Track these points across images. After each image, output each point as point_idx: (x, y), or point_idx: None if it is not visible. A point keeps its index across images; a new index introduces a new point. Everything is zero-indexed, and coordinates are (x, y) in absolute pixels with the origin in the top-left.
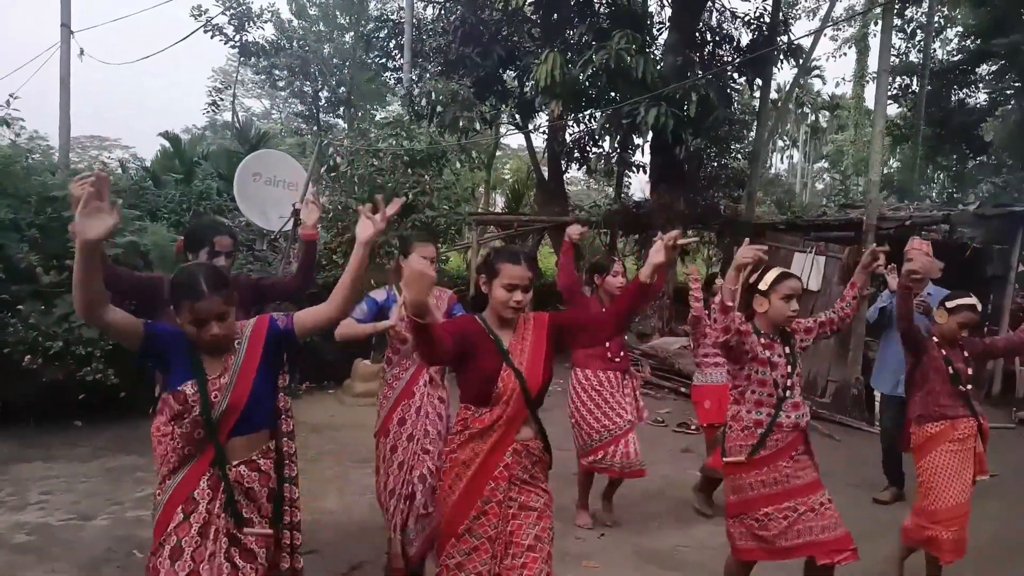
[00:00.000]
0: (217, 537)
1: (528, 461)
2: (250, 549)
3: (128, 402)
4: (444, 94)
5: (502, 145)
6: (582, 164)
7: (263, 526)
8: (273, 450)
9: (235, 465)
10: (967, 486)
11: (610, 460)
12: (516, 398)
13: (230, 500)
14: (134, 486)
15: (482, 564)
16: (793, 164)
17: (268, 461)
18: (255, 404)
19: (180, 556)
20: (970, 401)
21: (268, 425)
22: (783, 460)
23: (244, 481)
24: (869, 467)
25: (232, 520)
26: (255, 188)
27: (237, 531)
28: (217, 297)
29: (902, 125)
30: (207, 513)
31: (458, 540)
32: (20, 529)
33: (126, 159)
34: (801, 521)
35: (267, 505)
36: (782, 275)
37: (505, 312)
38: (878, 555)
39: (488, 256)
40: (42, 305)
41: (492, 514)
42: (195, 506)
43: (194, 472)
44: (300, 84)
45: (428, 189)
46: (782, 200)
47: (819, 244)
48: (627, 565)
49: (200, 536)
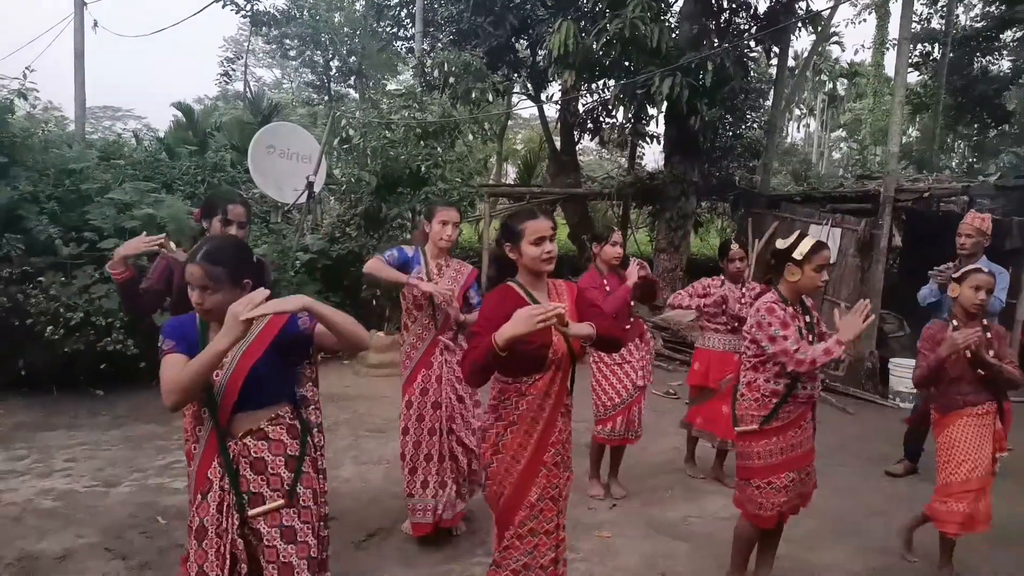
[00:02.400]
0: (230, 513)
1: (569, 418)
2: (256, 529)
3: (148, 371)
4: (456, 64)
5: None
6: (595, 135)
7: (275, 498)
8: (285, 418)
9: (240, 438)
10: (984, 461)
11: (616, 430)
12: (565, 359)
13: (232, 480)
14: (155, 454)
15: (548, 522)
16: (810, 133)
17: (279, 428)
18: (256, 386)
19: (205, 535)
20: (991, 383)
21: (279, 401)
22: (792, 430)
23: (251, 452)
24: (882, 441)
25: (234, 498)
26: (269, 161)
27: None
28: (203, 266)
29: (922, 93)
30: (220, 490)
31: (531, 508)
32: (47, 495)
33: (140, 130)
34: (795, 488)
35: (286, 474)
36: (817, 244)
37: (541, 266)
38: (891, 528)
39: (505, 223)
40: (62, 276)
41: (553, 476)
42: (210, 485)
43: (208, 450)
44: (311, 53)
45: (440, 161)
46: (798, 170)
47: (835, 216)
48: (638, 535)
49: (218, 513)
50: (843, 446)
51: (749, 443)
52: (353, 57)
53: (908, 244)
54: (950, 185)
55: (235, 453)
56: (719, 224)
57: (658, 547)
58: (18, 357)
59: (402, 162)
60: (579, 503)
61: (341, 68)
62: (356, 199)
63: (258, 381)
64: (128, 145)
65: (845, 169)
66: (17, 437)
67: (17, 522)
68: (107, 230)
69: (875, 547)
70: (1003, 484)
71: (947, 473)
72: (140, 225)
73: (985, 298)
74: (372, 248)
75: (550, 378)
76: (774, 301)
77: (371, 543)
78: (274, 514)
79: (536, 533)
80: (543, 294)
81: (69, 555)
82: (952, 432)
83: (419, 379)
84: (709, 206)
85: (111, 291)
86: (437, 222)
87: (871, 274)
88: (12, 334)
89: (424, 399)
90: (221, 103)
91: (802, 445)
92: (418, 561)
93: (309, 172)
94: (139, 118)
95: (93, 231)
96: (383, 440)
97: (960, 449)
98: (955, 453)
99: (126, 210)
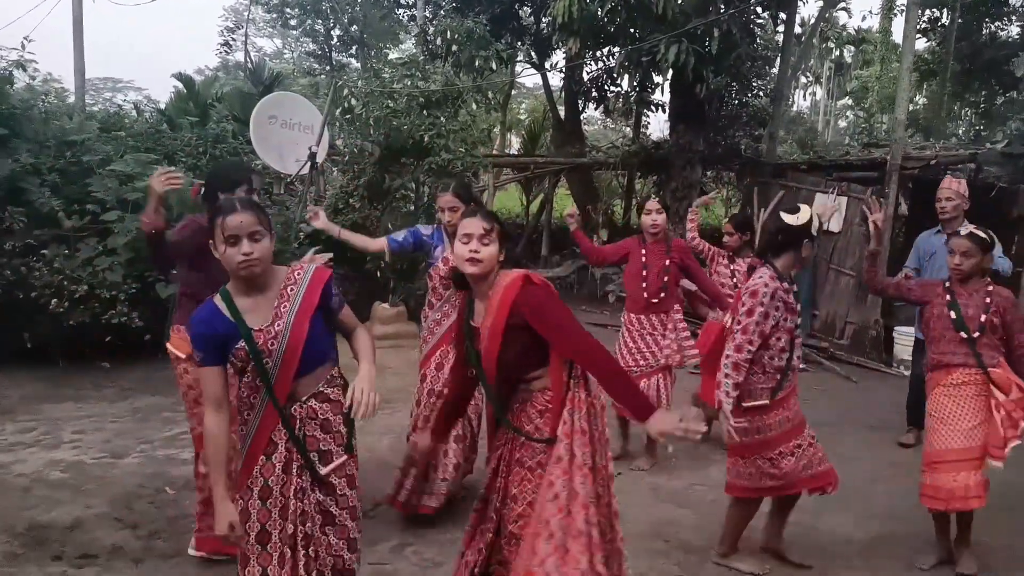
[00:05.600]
0: (301, 473)
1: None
2: (329, 482)
3: (153, 344)
4: (459, 32)
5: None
6: (600, 104)
7: (340, 453)
8: (338, 378)
9: (305, 401)
10: (959, 434)
11: None
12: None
13: (298, 443)
14: (162, 425)
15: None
16: (816, 101)
17: (336, 390)
18: (314, 344)
19: (270, 495)
20: (975, 349)
21: (330, 357)
22: (793, 398)
23: (318, 414)
24: (887, 409)
25: (303, 460)
26: (271, 131)
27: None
28: (252, 212)
29: (930, 60)
30: (287, 452)
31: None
32: (55, 466)
33: (140, 101)
34: (805, 456)
35: (344, 431)
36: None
37: (464, 266)
38: (894, 495)
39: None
40: (66, 249)
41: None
42: (275, 448)
43: (270, 415)
44: (312, 23)
45: (444, 131)
46: (804, 139)
47: (841, 185)
48: (644, 503)
49: (284, 473)
50: (847, 414)
51: (761, 417)
52: (355, 26)
53: (914, 212)
54: (957, 153)
55: (302, 416)
56: (725, 193)
57: (663, 514)
58: (24, 330)
59: (405, 132)
60: None
61: (342, 37)
62: (359, 170)
63: (312, 342)
64: (129, 116)
65: (851, 137)
66: (24, 410)
67: (27, 493)
68: (109, 202)
69: (878, 514)
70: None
71: (926, 443)
72: (143, 197)
73: (960, 261)
74: (376, 220)
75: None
76: (769, 277)
77: (378, 512)
78: (340, 466)
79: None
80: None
81: (78, 525)
82: (932, 399)
83: (437, 354)
84: (714, 175)
85: (115, 264)
86: (439, 209)
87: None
88: (17, 307)
89: (439, 375)
90: (222, 74)
91: (798, 414)
92: (426, 529)
93: (311, 143)
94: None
95: (95, 203)
96: (388, 411)
97: (935, 418)
98: (931, 422)
99: (128, 182)
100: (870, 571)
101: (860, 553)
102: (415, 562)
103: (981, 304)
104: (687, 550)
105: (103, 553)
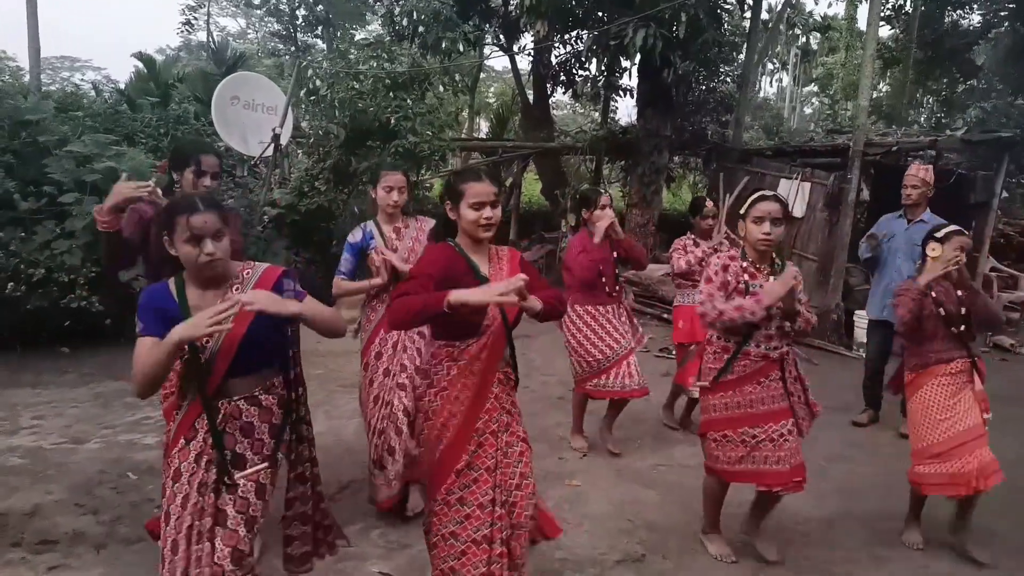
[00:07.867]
0: (209, 468)
1: (509, 388)
2: (234, 484)
3: (114, 329)
4: (426, 13)
5: (486, 68)
6: (568, 87)
7: (256, 462)
8: (278, 388)
9: (234, 399)
10: (962, 417)
11: (612, 382)
12: (498, 327)
13: (216, 439)
14: (124, 411)
15: (483, 495)
16: (782, 88)
17: (271, 397)
18: (252, 347)
19: (179, 479)
20: (964, 342)
21: (274, 366)
22: (748, 385)
23: (242, 416)
24: (846, 391)
25: (216, 455)
26: (234, 112)
27: (226, 472)
28: (215, 212)
29: (893, 47)
30: (203, 443)
31: (458, 476)
32: (13, 452)
33: (99, 81)
34: (758, 449)
35: (269, 441)
36: (758, 197)
37: (477, 232)
38: (853, 474)
39: (448, 181)
40: (22, 232)
41: (488, 445)
42: (195, 434)
43: (196, 406)
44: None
45: (411, 114)
46: (770, 125)
47: (805, 171)
48: (608, 484)
49: (195, 463)
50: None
51: (707, 397)
52: (320, 6)
53: (876, 198)
54: (918, 140)
55: (226, 412)
56: (691, 179)
57: (627, 494)
58: None
59: (371, 114)
60: (550, 454)
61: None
62: (324, 152)
63: (250, 346)
64: (87, 96)
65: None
66: None
67: None
68: (67, 184)
69: (834, 491)
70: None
71: (925, 434)
72: (101, 179)
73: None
74: (342, 203)
75: (482, 345)
76: (729, 256)
77: (344, 495)
78: (253, 474)
79: (467, 503)
80: (483, 258)
81: (38, 511)
82: (926, 393)
83: (376, 341)
84: (681, 161)
85: (73, 247)
86: (382, 188)
87: (839, 228)
88: None
89: (377, 364)
90: (184, 54)
91: (763, 403)
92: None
93: (275, 124)
94: (98, 69)
95: (53, 185)
96: (355, 395)
97: (936, 408)
98: (931, 413)
99: (86, 163)
100: (827, 547)
101: (818, 530)
102: (381, 544)
103: (954, 298)
104: (651, 529)
105: (63, 539)
